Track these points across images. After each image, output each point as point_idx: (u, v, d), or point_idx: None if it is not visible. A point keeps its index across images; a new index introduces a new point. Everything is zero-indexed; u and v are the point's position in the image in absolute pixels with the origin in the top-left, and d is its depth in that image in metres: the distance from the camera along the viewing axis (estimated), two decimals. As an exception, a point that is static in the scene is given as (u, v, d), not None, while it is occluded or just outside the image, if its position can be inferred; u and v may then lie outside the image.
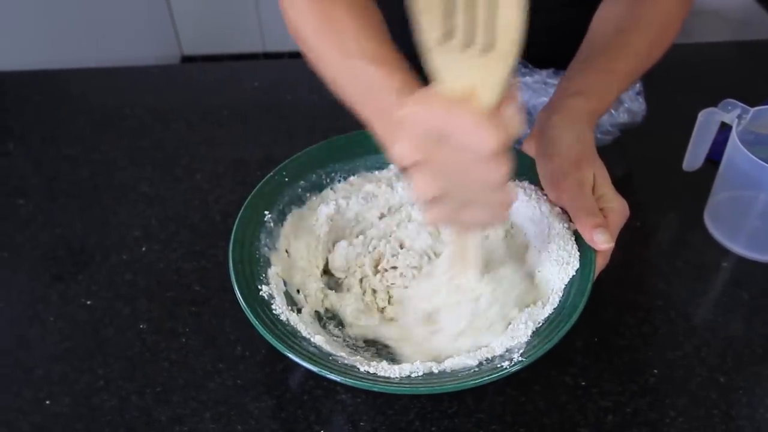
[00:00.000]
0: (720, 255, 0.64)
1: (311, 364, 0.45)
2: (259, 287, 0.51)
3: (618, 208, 0.52)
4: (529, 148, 0.58)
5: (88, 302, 0.60)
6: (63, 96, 0.85)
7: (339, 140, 0.62)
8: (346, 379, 0.45)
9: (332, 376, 0.45)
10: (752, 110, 0.63)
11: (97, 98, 0.84)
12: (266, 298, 0.51)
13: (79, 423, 0.51)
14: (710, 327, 0.58)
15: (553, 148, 0.54)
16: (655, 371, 0.54)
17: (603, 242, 0.51)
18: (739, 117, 0.63)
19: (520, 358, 0.46)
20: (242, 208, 0.56)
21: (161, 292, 0.61)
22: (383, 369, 0.47)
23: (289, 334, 0.48)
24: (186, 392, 0.53)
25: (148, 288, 0.61)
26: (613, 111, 0.72)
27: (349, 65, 0.50)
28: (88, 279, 0.62)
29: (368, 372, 0.47)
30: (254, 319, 0.48)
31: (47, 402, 0.52)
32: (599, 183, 0.53)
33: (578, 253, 0.52)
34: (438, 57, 0.37)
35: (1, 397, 0.53)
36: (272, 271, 0.54)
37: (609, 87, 0.59)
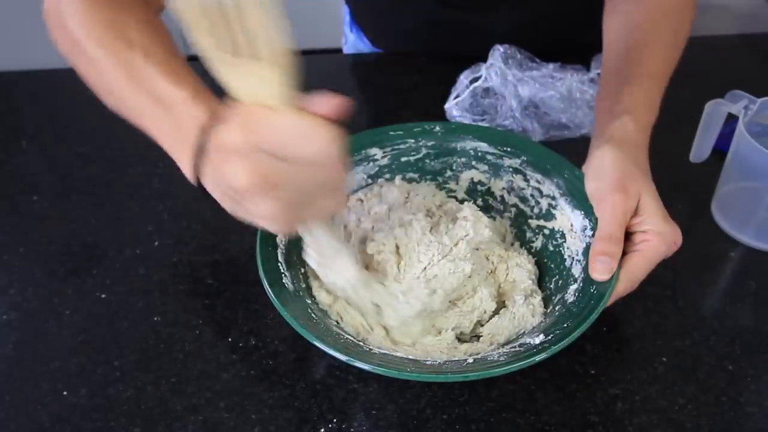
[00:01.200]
0: (728, 245, 0.65)
1: (343, 353, 0.45)
2: (281, 269, 0.52)
3: (665, 234, 0.50)
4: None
5: (103, 296, 0.61)
6: (74, 94, 0.86)
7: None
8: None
9: (363, 365, 0.45)
10: (759, 101, 0.63)
11: (108, 96, 0.85)
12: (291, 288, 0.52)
13: (96, 413, 0.52)
14: (718, 316, 0.59)
15: (595, 173, 0.54)
16: (664, 359, 0.55)
17: (598, 272, 0.49)
18: (746, 108, 0.63)
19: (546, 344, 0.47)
20: None
21: (175, 286, 0.61)
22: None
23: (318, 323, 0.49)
24: (200, 382, 0.54)
25: (161, 281, 0.62)
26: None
27: (140, 84, 0.47)
28: (102, 273, 0.63)
29: (403, 358, 0.48)
30: (280, 307, 0.48)
31: (65, 393, 0.53)
32: (644, 206, 0.51)
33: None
34: (219, 67, 0.39)
35: (21, 388, 0.54)
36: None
37: (651, 94, 0.58)
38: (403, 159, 0.62)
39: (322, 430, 0.51)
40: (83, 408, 0.52)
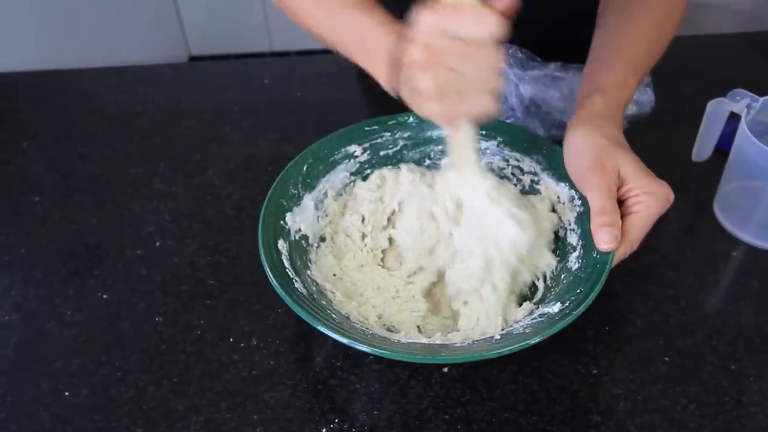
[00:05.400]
0: (730, 244, 0.65)
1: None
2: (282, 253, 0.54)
3: (655, 192, 0.52)
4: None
5: (105, 296, 0.61)
6: (75, 95, 0.86)
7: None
8: (376, 350, 0.46)
9: (363, 348, 0.46)
10: (761, 100, 0.63)
11: (109, 97, 0.85)
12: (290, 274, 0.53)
13: (97, 414, 0.52)
14: (721, 315, 0.58)
15: (571, 155, 0.56)
16: (666, 359, 0.55)
17: (605, 242, 0.51)
18: (748, 107, 0.63)
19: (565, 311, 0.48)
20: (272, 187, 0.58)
21: (176, 286, 0.61)
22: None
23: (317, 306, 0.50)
24: (202, 383, 0.54)
25: (163, 282, 0.62)
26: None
27: (341, 19, 0.55)
28: (104, 274, 0.63)
29: (432, 344, 0.49)
30: (281, 291, 0.49)
31: (66, 393, 0.53)
32: (627, 173, 0.53)
33: None
34: None
35: (22, 389, 0.54)
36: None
37: (624, 76, 0.59)
38: (382, 153, 0.64)
39: (324, 430, 0.51)
40: (85, 408, 0.52)
